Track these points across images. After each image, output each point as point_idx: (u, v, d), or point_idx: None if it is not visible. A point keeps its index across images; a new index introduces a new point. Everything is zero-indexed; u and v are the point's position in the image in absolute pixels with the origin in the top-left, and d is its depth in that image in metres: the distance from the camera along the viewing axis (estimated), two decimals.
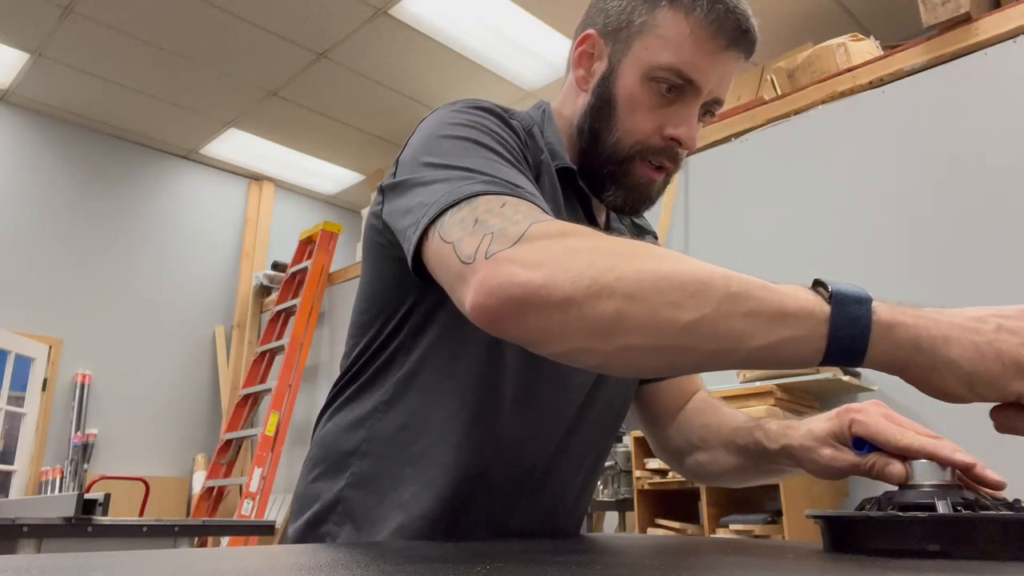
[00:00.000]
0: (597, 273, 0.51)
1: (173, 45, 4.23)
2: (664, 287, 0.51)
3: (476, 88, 4.61)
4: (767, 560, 0.53)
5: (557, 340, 0.54)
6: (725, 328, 0.50)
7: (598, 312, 0.51)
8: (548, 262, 0.53)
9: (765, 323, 0.50)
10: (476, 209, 0.59)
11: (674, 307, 0.50)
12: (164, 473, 4.95)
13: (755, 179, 3.13)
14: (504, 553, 0.53)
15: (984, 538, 0.50)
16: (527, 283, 0.52)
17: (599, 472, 0.92)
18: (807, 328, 0.50)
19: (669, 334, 0.51)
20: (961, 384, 0.49)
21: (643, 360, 0.53)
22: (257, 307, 5.61)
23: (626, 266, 0.52)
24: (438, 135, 0.71)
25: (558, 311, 0.52)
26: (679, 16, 0.75)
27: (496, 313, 0.54)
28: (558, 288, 0.51)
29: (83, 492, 1.93)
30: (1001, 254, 2.38)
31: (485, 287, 0.54)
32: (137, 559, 0.43)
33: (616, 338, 0.51)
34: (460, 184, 0.62)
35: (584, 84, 0.82)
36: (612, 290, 0.51)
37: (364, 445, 0.77)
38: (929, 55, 2.66)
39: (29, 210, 4.75)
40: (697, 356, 0.52)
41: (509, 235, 0.55)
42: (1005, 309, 0.51)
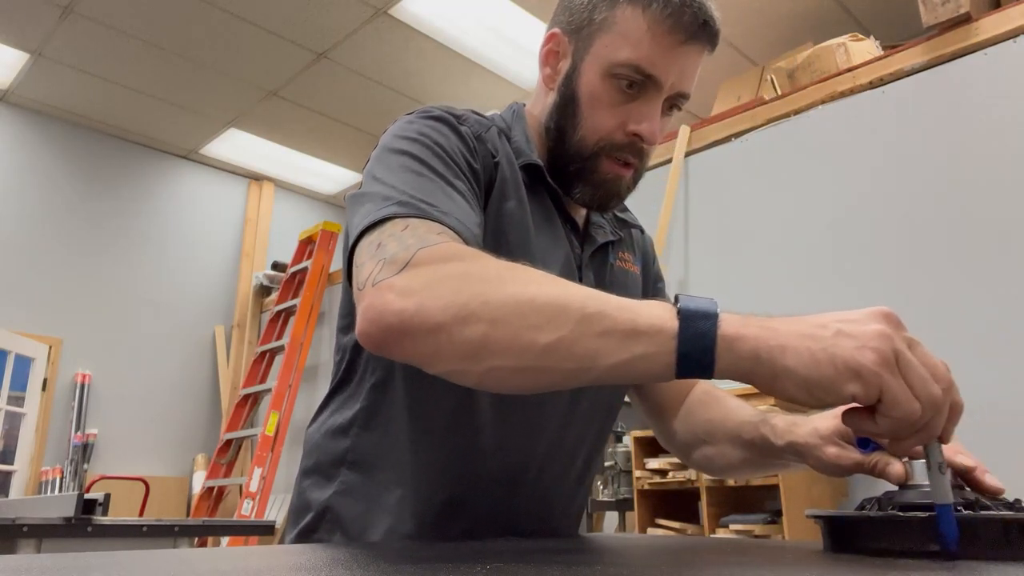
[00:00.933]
0: (465, 299, 0.55)
1: (173, 45, 4.23)
2: (525, 311, 0.54)
3: (476, 88, 4.61)
4: (767, 560, 0.53)
5: (435, 363, 0.57)
6: (581, 348, 0.53)
7: (465, 337, 0.54)
8: (422, 290, 0.56)
9: (618, 342, 0.52)
10: (383, 233, 0.63)
11: (534, 330, 0.53)
12: (164, 473, 4.95)
13: (755, 179, 3.13)
14: (504, 553, 0.53)
15: (984, 538, 0.50)
16: (401, 311, 0.56)
17: (593, 469, 0.91)
18: (657, 344, 0.52)
19: (530, 356, 0.53)
20: (800, 390, 0.50)
21: (510, 380, 0.56)
22: (257, 307, 5.61)
23: (492, 292, 0.55)
24: (388, 148, 0.74)
25: (431, 337, 0.55)
26: (637, 12, 0.75)
27: (377, 340, 0.58)
28: (429, 316, 0.55)
29: (83, 492, 1.93)
30: (1001, 253, 2.38)
31: (367, 315, 0.57)
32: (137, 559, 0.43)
33: (484, 360, 0.54)
34: (379, 207, 0.65)
35: (551, 83, 0.83)
36: (478, 316, 0.54)
37: (350, 454, 0.80)
38: (929, 55, 2.66)
39: (29, 210, 4.75)
40: (557, 375, 0.54)
41: (397, 261, 0.58)
42: (850, 314, 0.52)
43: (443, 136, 0.75)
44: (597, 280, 0.88)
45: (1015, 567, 0.43)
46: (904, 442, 0.51)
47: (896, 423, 0.49)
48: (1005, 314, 2.33)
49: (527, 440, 0.80)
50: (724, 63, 4.26)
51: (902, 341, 0.50)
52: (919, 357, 0.51)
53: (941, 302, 2.46)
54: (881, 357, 0.49)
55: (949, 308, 2.43)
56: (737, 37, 4.16)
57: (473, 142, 0.78)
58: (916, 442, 0.51)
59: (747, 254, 3.05)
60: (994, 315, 2.34)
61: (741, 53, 4.26)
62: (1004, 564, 0.45)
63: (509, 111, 0.88)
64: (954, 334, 2.39)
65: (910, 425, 0.49)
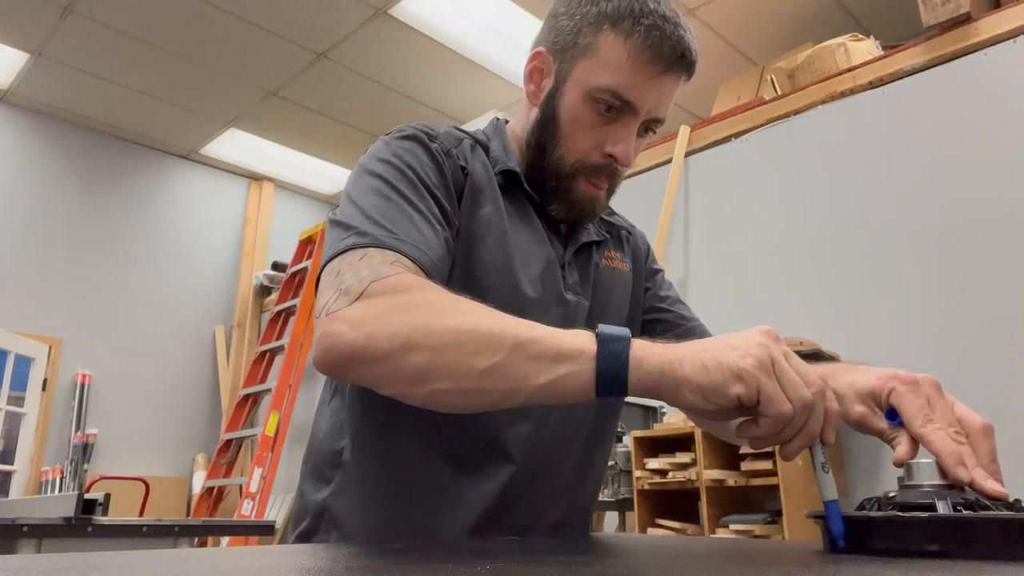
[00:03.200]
0: (410, 331, 0.61)
1: (173, 45, 4.23)
2: (464, 340, 0.60)
3: (476, 88, 4.62)
4: (767, 560, 0.53)
5: (382, 386, 0.64)
6: (513, 371, 0.59)
7: (411, 365, 0.61)
8: (371, 321, 0.62)
9: (546, 364, 0.59)
10: (342, 262, 0.68)
11: (472, 356, 0.60)
12: (164, 473, 4.95)
13: (755, 179, 3.13)
14: (504, 553, 0.53)
15: (984, 538, 0.50)
16: (352, 342, 0.62)
17: (596, 465, 0.91)
18: (579, 364, 0.58)
19: (469, 380, 0.60)
20: (697, 396, 0.56)
21: (452, 400, 0.62)
22: (257, 307, 5.61)
23: (434, 323, 0.61)
24: (362, 167, 0.80)
25: (379, 365, 0.61)
26: (619, 40, 0.79)
27: (329, 366, 0.63)
28: (377, 347, 0.61)
29: (83, 492, 1.92)
30: (1001, 253, 2.38)
31: (321, 344, 0.63)
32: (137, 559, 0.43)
33: (427, 384, 0.61)
34: (341, 236, 0.71)
35: (534, 99, 0.87)
36: (422, 346, 0.60)
37: (344, 455, 0.82)
38: (929, 55, 2.66)
39: (29, 210, 4.75)
40: (493, 396, 0.61)
41: (351, 292, 0.64)
42: (737, 333, 0.59)
43: (413, 156, 0.80)
44: (582, 278, 0.89)
45: (1015, 567, 0.43)
46: (788, 444, 0.57)
47: (773, 422, 0.55)
48: (1004, 314, 2.33)
49: (520, 432, 0.80)
50: (724, 63, 4.26)
51: (779, 351, 0.56)
52: (793, 366, 0.56)
53: (940, 301, 2.46)
54: (759, 362, 0.55)
55: (948, 307, 2.43)
56: (737, 37, 4.16)
57: (442, 157, 0.82)
58: (799, 443, 0.57)
59: (746, 254, 3.05)
60: (993, 314, 2.35)
61: (741, 53, 4.26)
62: (1004, 564, 0.45)
63: (490, 126, 0.93)
64: (953, 333, 2.39)
65: (786, 424, 0.55)
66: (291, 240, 5.50)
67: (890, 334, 2.52)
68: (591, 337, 0.59)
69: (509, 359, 0.59)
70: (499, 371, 0.59)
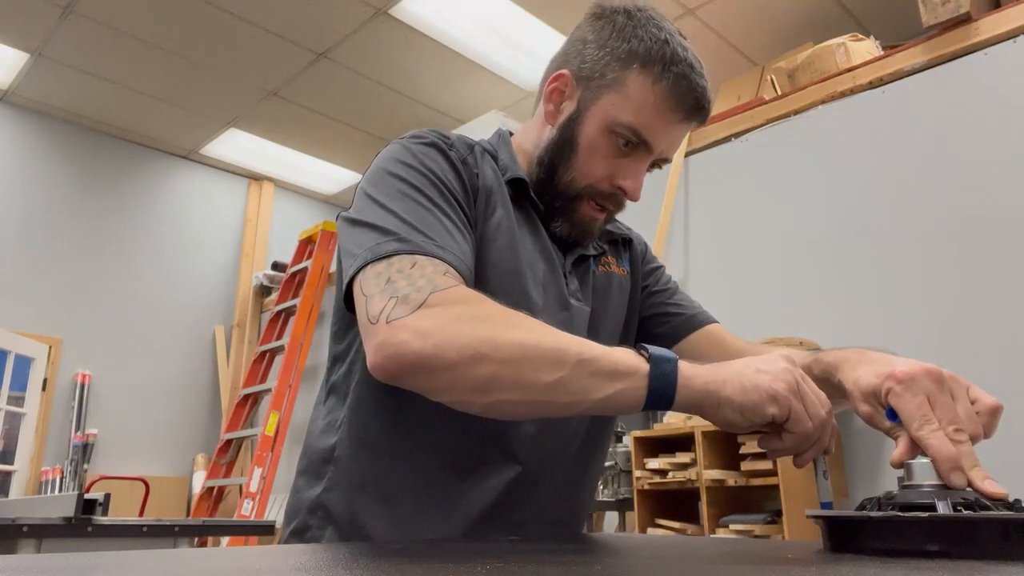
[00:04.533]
0: (478, 343, 0.63)
1: (173, 45, 4.23)
2: (530, 355, 0.63)
3: (476, 88, 4.62)
4: (767, 560, 0.53)
5: (444, 394, 0.66)
6: (575, 386, 0.64)
7: (478, 375, 0.63)
8: (438, 332, 0.64)
9: (605, 380, 0.64)
10: (391, 267, 0.69)
11: (538, 371, 0.63)
12: (164, 473, 4.95)
13: (755, 179, 3.13)
14: (504, 553, 0.53)
15: (984, 538, 0.50)
16: (419, 351, 0.63)
17: (593, 463, 0.92)
18: (634, 382, 0.64)
19: (533, 392, 0.64)
20: (737, 413, 0.64)
21: (513, 410, 0.66)
22: (257, 307, 5.61)
23: (501, 337, 0.64)
24: (383, 168, 0.80)
25: (445, 374, 0.63)
26: (647, 83, 0.82)
27: (392, 374, 0.65)
28: (446, 356, 0.63)
29: (83, 492, 1.92)
30: (1001, 253, 2.38)
31: (384, 351, 0.64)
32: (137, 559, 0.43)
33: (492, 395, 0.64)
34: (384, 239, 0.72)
35: (552, 119, 0.89)
36: (489, 358, 0.63)
37: (337, 450, 0.82)
38: (929, 55, 2.66)
39: (29, 210, 4.75)
40: (554, 407, 0.65)
41: (411, 302, 0.65)
42: (761, 357, 0.67)
43: (436, 163, 0.81)
44: (582, 285, 0.92)
45: (1015, 567, 0.43)
46: (803, 455, 0.66)
47: (797, 439, 0.64)
48: (1005, 313, 2.33)
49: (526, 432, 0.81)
50: (724, 63, 4.26)
51: (800, 375, 0.65)
52: (810, 389, 0.65)
53: (939, 301, 2.46)
54: (789, 386, 0.64)
55: (948, 307, 2.43)
56: (737, 37, 4.16)
57: (460, 166, 0.83)
58: (811, 455, 0.66)
59: (747, 254, 3.05)
60: (994, 314, 2.34)
61: (741, 53, 4.26)
62: (1004, 564, 0.45)
63: (495, 136, 0.94)
64: (953, 332, 2.39)
65: (807, 440, 0.64)
66: (291, 240, 5.50)
67: (889, 334, 2.52)
68: (640, 357, 0.65)
69: (572, 375, 0.63)
70: (562, 385, 0.63)
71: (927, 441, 0.59)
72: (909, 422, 0.61)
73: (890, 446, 0.64)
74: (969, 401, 0.63)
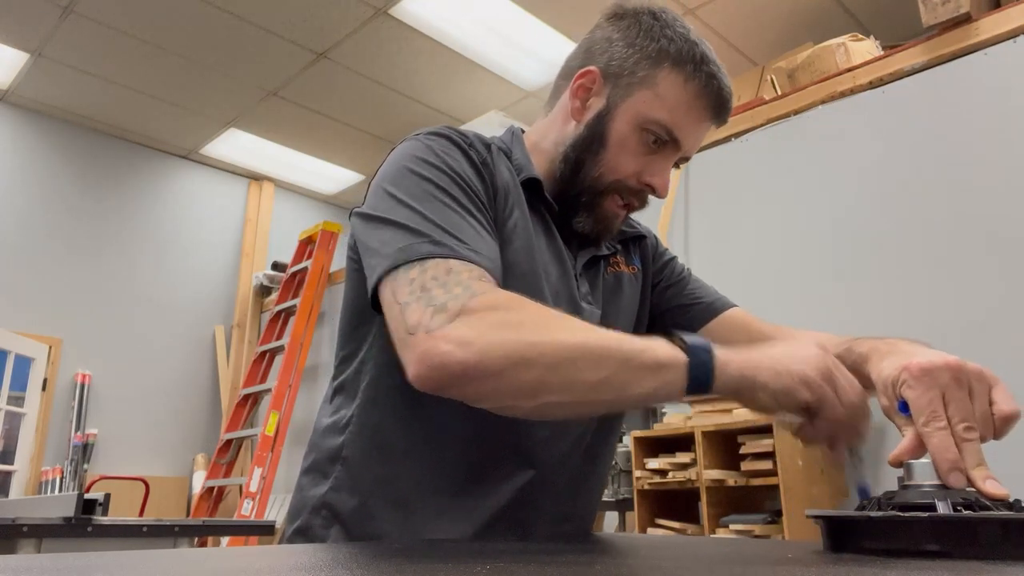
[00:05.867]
0: (523, 348, 0.63)
1: (173, 45, 4.23)
2: (575, 356, 0.63)
3: (476, 88, 4.61)
4: (767, 560, 0.53)
5: (490, 401, 0.65)
6: (619, 382, 0.64)
7: (524, 380, 0.63)
8: (480, 339, 0.62)
9: (648, 374, 0.64)
10: (425, 272, 0.68)
11: (584, 371, 0.63)
12: (164, 473, 4.95)
13: (755, 179, 3.13)
14: (504, 553, 0.53)
15: (984, 538, 0.50)
16: (464, 361, 0.62)
17: (599, 464, 0.91)
18: (674, 374, 0.64)
19: (580, 392, 0.64)
20: (771, 398, 0.65)
21: (559, 411, 0.67)
22: (257, 307, 5.61)
23: (544, 339, 0.64)
24: (405, 166, 0.78)
25: (491, 381, 0.63)
26: (679, 81, 0.83)
27: (436, 384, 0.64)
28: (490, 364, 0.62)
29: (83, 492, 1.92)
30: (1000, 253, 2.38)
31: (426, 363, 0.63)
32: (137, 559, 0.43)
33: (539, 398, 0.64)
34: (414, 240, 0.70)
35: (578, 115, 0.88)
36: (535, 362, 0.62)
37: (344, 450, 0.82)
38: (929, 55, 2.66)
39: (29, 210, 4.75)
40: (600, 404, 0.66)
41: (448, 310, 0.64)
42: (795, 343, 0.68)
43: (458, 163, 0.80)
44: (591, 286, 0.92)
45: (1015, 567, 0.43)
46: (837, 442, 0.66)
47: (830, 425, 0.65)
48: (1005, 313, 2.33)
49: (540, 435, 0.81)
50: (724, 63, 4.24)
51: (833, 362, 0.66)
52: (842, 375, 0.66)
53: (939, 301, 2.46)
54: (821, 373, 0.65)
55: (948, 306, 2.43)
56: (737, 37, 4.16)
57: (480, 166, 0.83)
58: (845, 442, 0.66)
59: (747, 253, 3.05)
60: (994, 314, 2.34)
61: (741, 53, 4.26)
62: (1004, 564, 0.45)
63: (508, 134, 0.93)
64: (951, 331, 2.39)
65: (840, 426, 0.65)
66: (291, 240, 5.50)
67: (889, 334, 2.52)
68: (676, 349, 0.66)
69: (617, 372, 0.63)
70: (608, 383, 0.63)
71: (930, 438, 0.59)
72: (917, 416, 0.61)
73: (891, 446, 0.63)
74: (988, 401, 0.62)
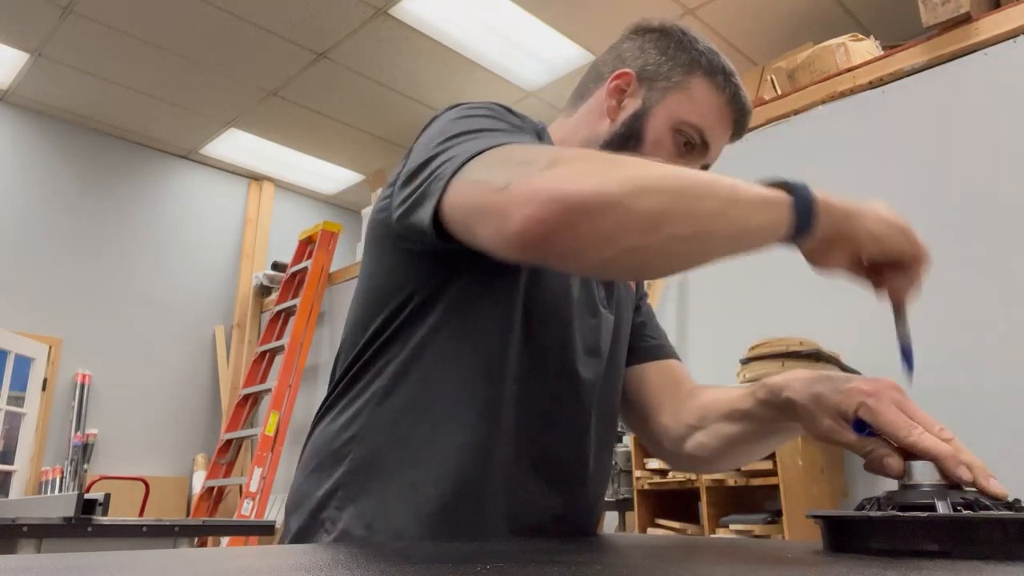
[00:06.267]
0: (638, 177, 0.58)
1: (173, 45, 4.23)
2: (688, 184, 0.60)
3: (476, 88, 4.61)
4: (767, 560, 0.53)
5: (609, 242, 0.57)
6: (734, 213, 0.61)
7: (647, 207, 0.57)
8: (591, 173, 0.57)
9: (756, 209, 0.62)
10: (502, 152, 0.64)
11: (701, 200, 0.59)
12: (164, 473, 4.95)
13: (754, 179, 3.13)
14: (504, 553, 0.53)
15: (984, 538, 0.50)
16: (578, 191, 0.56)
17: (603, 467, 0.92)
18: (781, 209, 0.63)
19: (702, 221, 0.59)
20: (873, 242, 0.66)
21: (681, 249, 0.61)
22: (257, 307, 5.61)
23: (653, 171, 0.59)
24: (453, 119, 0.75)
25: (610, 212, 0.56)
26: (712, 89, 0.87)
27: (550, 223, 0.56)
28: (608, 192, 0.56)
29: (83, 492, 1.93)
30: (1001, 252, 2.38)
31: (534, 201, 0.56)
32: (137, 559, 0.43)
33: (663, 229, 0.58)
34: (484, 138, 0.67)
35: (613, 114, 0.90)
36: (655, 189, 0.58)
37: (361, 432, 0.78)
38: (929, 55, 2.66)
39: (29, 210, 4.75)
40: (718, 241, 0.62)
41: (536, 163, 0.59)
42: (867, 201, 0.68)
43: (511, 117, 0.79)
44: (607, 293, 0.91)
45: (1015, 567, 0.43)
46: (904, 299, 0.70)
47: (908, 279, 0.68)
48: (1005, 313, 2.33)
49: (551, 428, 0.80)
50: None
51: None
52: None
53: (939, 300, 2.46)
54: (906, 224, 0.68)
55: (947, 306, 2.43)
56: (737, 37, 4.16)
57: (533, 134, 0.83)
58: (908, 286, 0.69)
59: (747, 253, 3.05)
60: (993, 314, 2.34)
61: (741, 53, 4.26)
62: (1004, 564, 0.45)
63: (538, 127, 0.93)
64: (952, 332, 2.39)
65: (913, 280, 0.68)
66: (291, 240, 5.50)
67: (888, 333, 2.52)
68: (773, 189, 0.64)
69: (728, 204, 0.61)
70: (724, 215, 0.60)
71: (922, 445, 0.59)
72: (896, 431, 0.61)
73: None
74: None
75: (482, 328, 0.77)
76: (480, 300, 0.78)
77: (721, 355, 2.80)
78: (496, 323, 0.78)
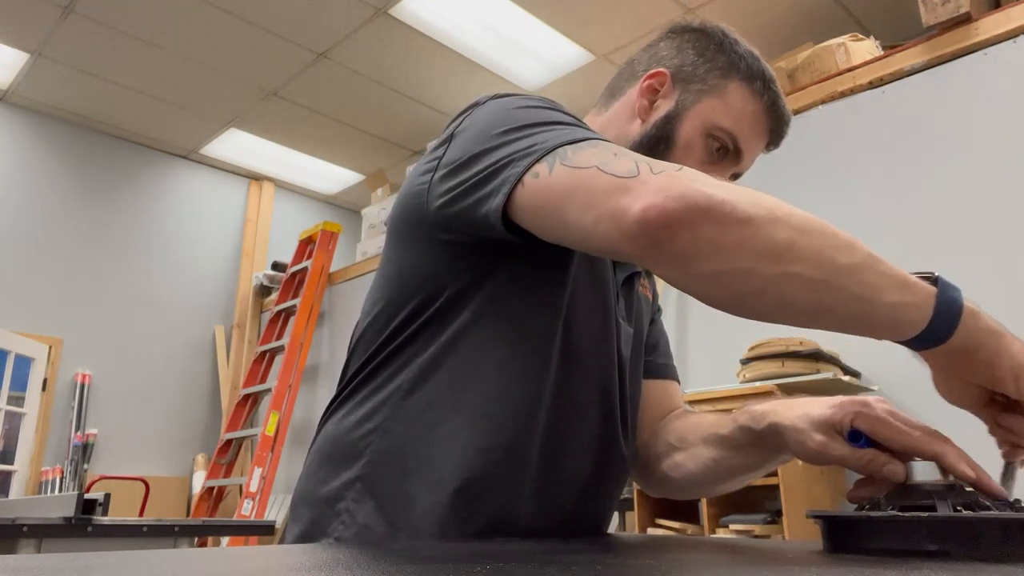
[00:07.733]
0: (772, 205, 0.56)
1: (173, 45, 4.23)
2: (827, 232, 0.57)
3: (476, 88, 4.61)
4: (767, 560, 0.53)
5: (725, 256, 0.55)
6: (870, 279, 0.57)
7: (774, 236, 0.55)
8: (725, 187, 0.56)
9: (895, 285, 0.57)
10: (611, 145, 0.62)
11: (835, 249, 0.56)
12: (164, 473, 4.95)
13: (754, 179, 3.12)
14: (505, 553, 0.53)
15: (984, 538, 0.50)
16: (712, 196, 0.55)
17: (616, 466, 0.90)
18: (922, 298, 0.58)
19: (830, 270, 0.56)
20: (1008, 373, 0.59)
21: (798, 292, 0.56)
22: (257, 307, 5.61)
23: (791, 208, 0.57)
24: (511, 108, 0.72)
25: (737, 227, 0.54)
26: (747, 95, 0.84)
27: (673, 217, 0.55)
28: (740, 207, 0.55)
29: (83, 492, 1.92)
30: (1000, 253, 2.38)
31: (665, 192, 0.55)
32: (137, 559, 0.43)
33: (783, 264, 0.55)
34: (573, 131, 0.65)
35: (644, 114, 0.87)
36: (785, 222, 0.55)
37: (385, 424, 0.75)
38: (929, 55, 2.66)
39: (29, 210, 4.75)
40: (842, 298, 0.57)
41: (666, 164, 0.58)
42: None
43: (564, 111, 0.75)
44: (627, 305, 0.90)
45: (1015, 567, 0.43)
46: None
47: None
48: (1004, 314, 2.32)
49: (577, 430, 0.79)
50: None
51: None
52: None
53: None
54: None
55: None
56: None
57: None
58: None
59: None
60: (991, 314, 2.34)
61: None
62: (1004, 564, 0.45)
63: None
64: None
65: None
66: (291, 240, 5.50)
67: None
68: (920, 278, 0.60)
69: (866, 266, 0.57)
70: (857, 273, 0.56)
71: (925, 446, 0.60)
72: (897, 434, 0.62)
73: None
74: None
75: (523, 329, 0.75)
76: (522, 300, 0.75)
77: (721, 355, 2.80)
78: (539, 327, 0.76)
